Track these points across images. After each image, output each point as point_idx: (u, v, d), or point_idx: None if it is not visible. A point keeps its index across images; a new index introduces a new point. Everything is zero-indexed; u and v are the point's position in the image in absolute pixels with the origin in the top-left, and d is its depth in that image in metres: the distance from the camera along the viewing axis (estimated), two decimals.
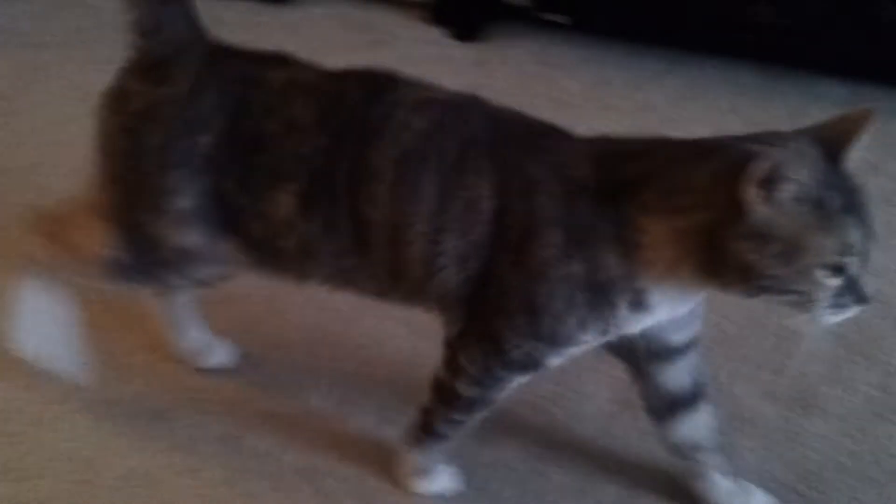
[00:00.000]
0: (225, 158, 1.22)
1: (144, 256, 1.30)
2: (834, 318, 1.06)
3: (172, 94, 1.23)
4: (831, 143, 1.04)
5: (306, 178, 1.21)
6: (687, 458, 1.35)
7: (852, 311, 1.07)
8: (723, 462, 1.37)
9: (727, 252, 1.04)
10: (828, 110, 1.28)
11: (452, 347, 1.27)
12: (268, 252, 1.27)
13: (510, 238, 1.15)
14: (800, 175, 0.99)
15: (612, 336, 1.19)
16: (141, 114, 1.23)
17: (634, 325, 1.18)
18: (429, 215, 1.18)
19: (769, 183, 0.99)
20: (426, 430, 1.35)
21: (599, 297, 1.13)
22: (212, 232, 1.26)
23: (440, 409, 1.32)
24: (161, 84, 1.23)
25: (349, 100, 1.22)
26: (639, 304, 1.14)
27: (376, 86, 1.23)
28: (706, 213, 1.05)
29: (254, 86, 1.23)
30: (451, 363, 1.27)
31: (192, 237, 1.27)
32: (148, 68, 1.25)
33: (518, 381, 1.26)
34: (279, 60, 1.27)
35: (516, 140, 1.19)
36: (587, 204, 1.12)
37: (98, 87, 1.27)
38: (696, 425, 1.32)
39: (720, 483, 1.37)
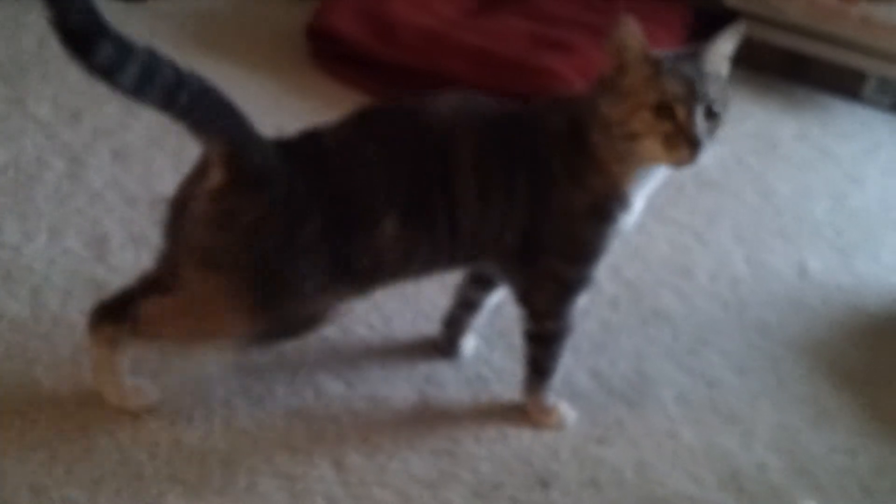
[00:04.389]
0: (332, 227, 1.33)
1: (279, 327, 1.41)
2: (671, 157, 1.35)
3: (275, 197, 1.30)
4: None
5: (403, 202, 1.37)
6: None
7: (685, 152, 1.33)
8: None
9: (609, 120, 1.36)
10: None
11: (527, 301, 1.53)
12: (370, 274, 1.41)
13: (538, 197, 1.42)
14: (637, 41, 1.32)
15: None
16: (255, 223, 1.29)
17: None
18: (501, 208, 1.42)
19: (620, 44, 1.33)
20: (540, 373, 1.58)
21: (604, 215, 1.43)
22: (335, 287, 1.38)
23: (542, 352, 1.56)
24: (263, 192, 1.30)
25: (405, 126, 1.40)
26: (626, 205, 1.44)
27: (423, 106, 1.42)
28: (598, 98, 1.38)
29: (324, 157, 1.36)
30: (534, 314, 1.53)
31: (324, 299, 1.39)
32: (247, 182, 1.29)
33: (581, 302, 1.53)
34: (311, 135, 1.39)
35: (514, 123, 1.44)
36: (566, 147, 1.41)
37: None
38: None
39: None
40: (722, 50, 1.38)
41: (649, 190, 1.47)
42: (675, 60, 1.35)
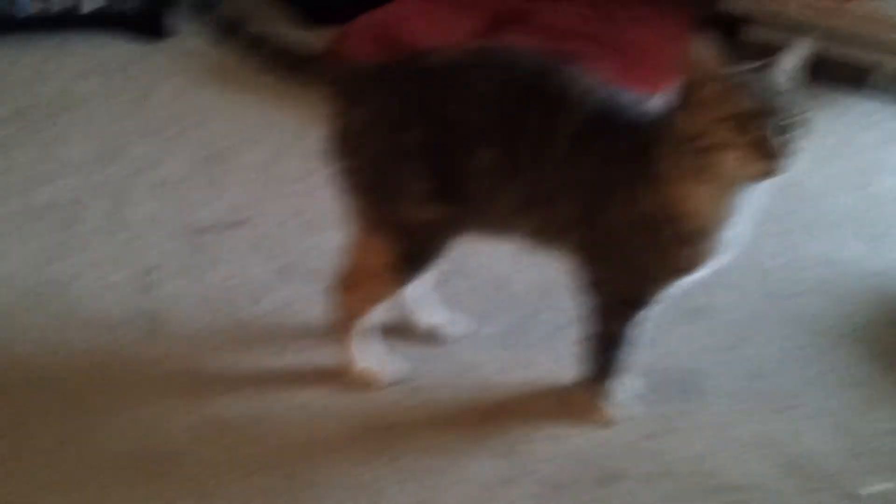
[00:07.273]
0: (435, 141, 1.47)
1: (408, 241, 1.55)
2: (751, 169, 1.34)
3: (374, 107, 1.50)
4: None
5: (502, 137, 1.46)
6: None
7: (765, 163, 1.33)
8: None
9: (684, 134, 1.36)
10: None
11: (585, 298, 1.57)
12: (467, 200, 1.50)
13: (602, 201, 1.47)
14: (712, 57, 1.34)
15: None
16: (362, 131, 1.51)
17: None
18: (577, 197, 1.47)
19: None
20: (592, 370, 1.63)
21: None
22: (442, 202, 1.50)
23: (593, 351, 1.61)
24: (362, 104, 1.51)
25: (523, 70, 1.47)
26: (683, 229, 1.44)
27: (547, 62, 1.49)
28: None
29: (427, 77, 1.49)
30: (590, 313, 1.58)
31: (432, 210, 1.51)
32: (348, 103, 1.52)
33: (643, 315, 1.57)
34: (423, 53, 1.52)
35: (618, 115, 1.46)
36: (637, 158, 1.43)
37: None
38: None
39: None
40: (788, 65, 1.37)
41: (737, 217, 1.46)
42: (750, 74, 1.36)
